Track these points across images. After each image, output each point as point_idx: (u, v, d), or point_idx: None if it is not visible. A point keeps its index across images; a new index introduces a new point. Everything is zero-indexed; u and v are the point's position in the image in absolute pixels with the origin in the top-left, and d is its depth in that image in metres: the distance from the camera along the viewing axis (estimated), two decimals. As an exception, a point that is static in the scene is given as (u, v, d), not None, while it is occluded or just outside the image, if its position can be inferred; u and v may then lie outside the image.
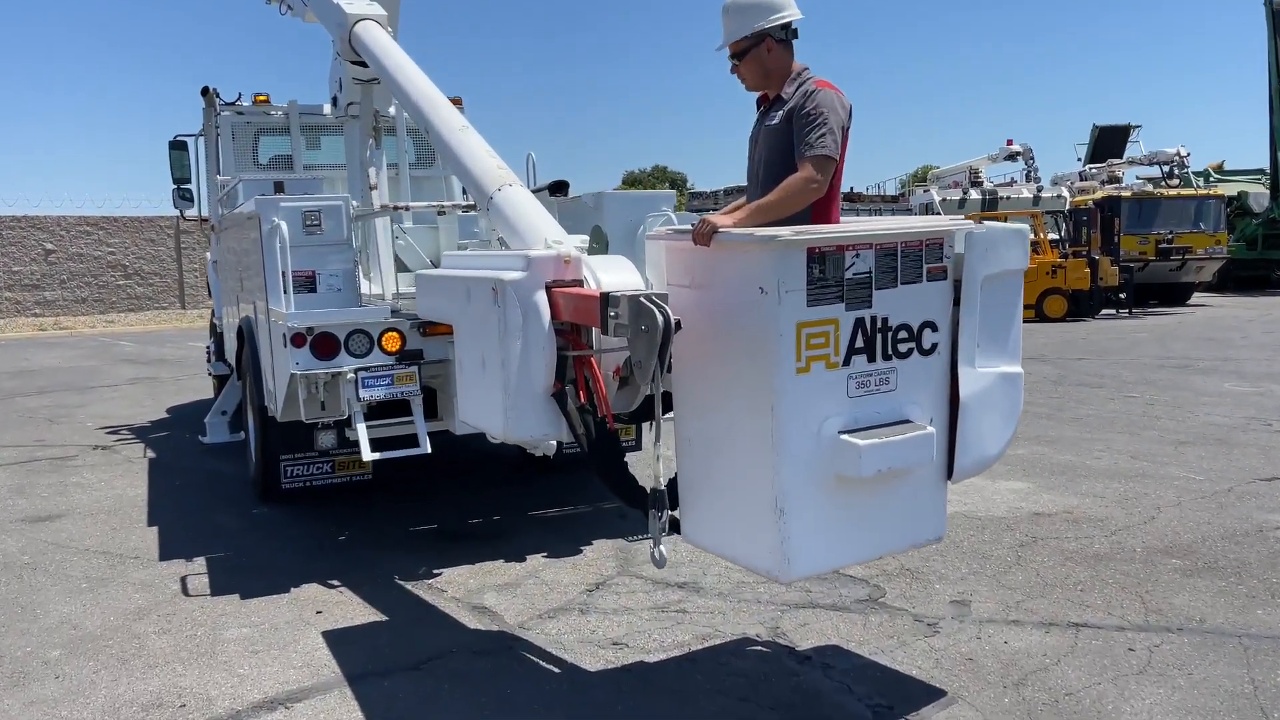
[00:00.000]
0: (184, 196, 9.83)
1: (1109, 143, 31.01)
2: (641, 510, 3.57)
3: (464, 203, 6.86)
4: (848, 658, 3.93)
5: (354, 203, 7.34)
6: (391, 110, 8.20)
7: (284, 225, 5.17)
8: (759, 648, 4.08)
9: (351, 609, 4.62)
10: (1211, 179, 29.13)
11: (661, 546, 3.28)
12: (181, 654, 4.15)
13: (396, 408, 5.29)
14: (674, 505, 3.60)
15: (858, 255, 3.13)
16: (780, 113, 3.54)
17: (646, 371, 2.98)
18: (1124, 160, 26.74)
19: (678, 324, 2.97)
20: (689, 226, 3.35)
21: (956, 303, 3.38)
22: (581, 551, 5.38)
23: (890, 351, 3.24)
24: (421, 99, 5.34)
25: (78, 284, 25.28)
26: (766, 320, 3.02)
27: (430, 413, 5.37)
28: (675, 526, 3.64)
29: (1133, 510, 5.88)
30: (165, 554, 5.55)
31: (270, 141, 9.33)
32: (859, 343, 3.17)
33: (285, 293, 5.12)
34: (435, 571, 5.12)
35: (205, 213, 9.62)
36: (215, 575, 5.16)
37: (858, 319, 3.15)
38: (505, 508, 6.29)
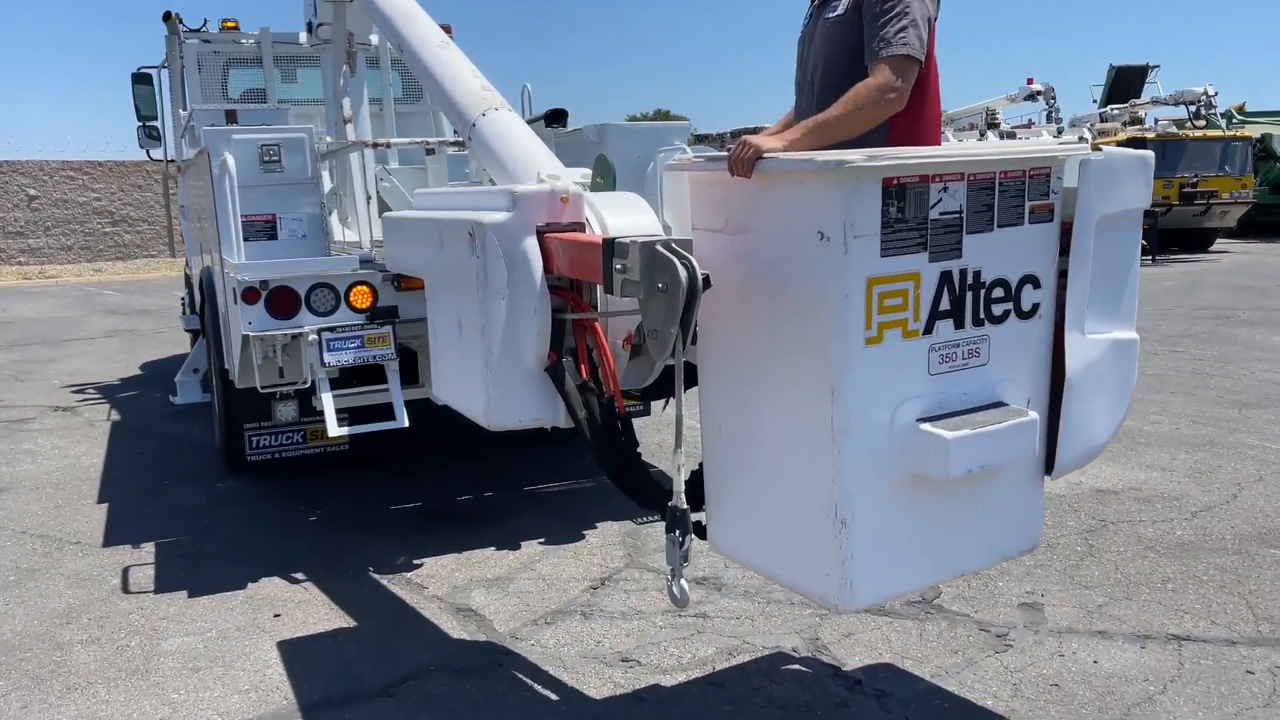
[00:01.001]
0: (150, 135, 9.02)
1: (1126, 83, 29.85)
2: (659, 516, 2.87)
3: (454, 138, 6.07)
4: (906, 681, 3.26)
5: (326, 138, 6.62)
6: (374, 39, 7.39)
7: (233, 161, 4.41)
8: (796, 666, 3.40)
9: (316, 612, 3.95)
10: (1235, 120, 28.09)
11: (683, 582, 2.54)
12: (108, 671, 3.48)
13: (369, 374, 4.57)
14: (698, 504, 2.90)
15: (945, 188, 2.38)
16: (845, 1, 2.75)
17: (665, 342, 2.26)
18: (1147, 100, 25.67)
19: (706, 280, 2.23)
20: (721, 153, 2.59)
21: (1063, 251, 2.64)
22: (584, 537, 4.69)
23: (983, 315, 2.51)
24: (394, 11, 4.54)
25: (62, 231, 24.45)
26: (828, 276, 2.29)
27: (410, 378, 4.66)
28: (698, 529, 2.93)
29: (1209, 486, 5.18)
30: (110, 538, 4.88)
31: (241, 74, 8.51)
32: (945, 304, 2.43)
33: (236, 240, 4.39)
34: (416, 562, 4.45)
35: (173, 153, 8.84)
36: (163, 566, 4.48)
37: (944, 273, 2.42)
38: (498, 482, 5.59)
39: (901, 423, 2.40)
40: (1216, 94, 23.44)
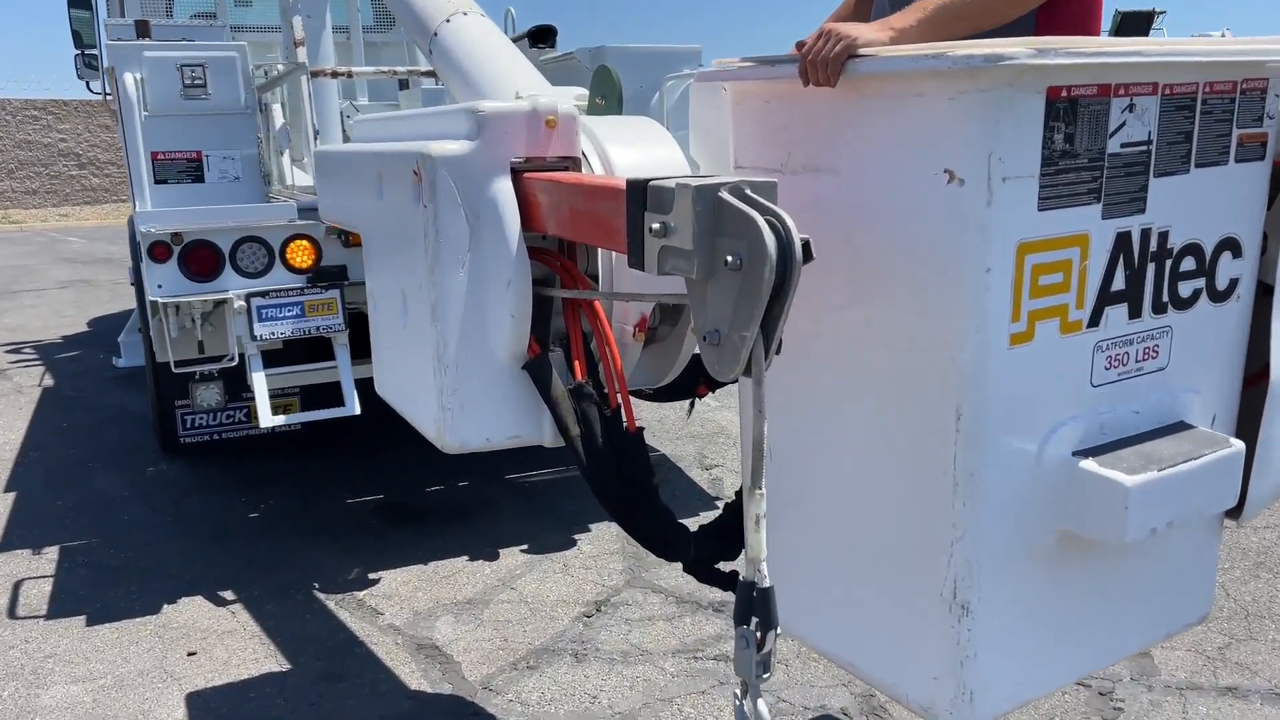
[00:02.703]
0: (90, 65, 8.06)
1: (1132, 28, 28.86)
2: (684, 567, 2.09)
3: (428, 69, 5.18)
4: (995, 764, 2.50)
5: (279, 66, 5.72)
6: (339, -44, 6.45)
7: (139, 83, 3.55)
8: (849, 735, 2.65)
9: (241, 648, 3.16)
10: (1250, 67, 27.12)
11: (760, 706, 1.55)
12: (-36, 739, 2.70)
13: (314, 348, 3.76)
14: (729, 550, 2.11)
15: (1131, 106, 1.56)
16: None
17: (735, 349, 1.39)
18: (1163, 45, 24.70)
19: (807, 248, 1.36)
20: (779, 56, 1.75)
21: (1270, 203, 1.83)
22: (575, 543, 3.91)
23: (1166, 297, 1.71)
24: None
25: (26, 174, 23.31)
26: (959, 239, 1.48)
27: (364, 351, 3.83)
28: (730, 582, 2.15)
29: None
30: (9, 540, 4.07)
31: (189, -5, 7.57)
32: (1118, 281, 1.64)
33: (146, 182, 3.54)
34: (372, 576, 3.66)
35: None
36: (63, 580, 3.69)
37: (1120, 235, 1.62)
38: (475, 469, 4.78)
39: (1053, 458, 1.62)
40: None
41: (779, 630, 1.48)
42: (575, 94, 2.50)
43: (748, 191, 1.37)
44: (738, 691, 1.55)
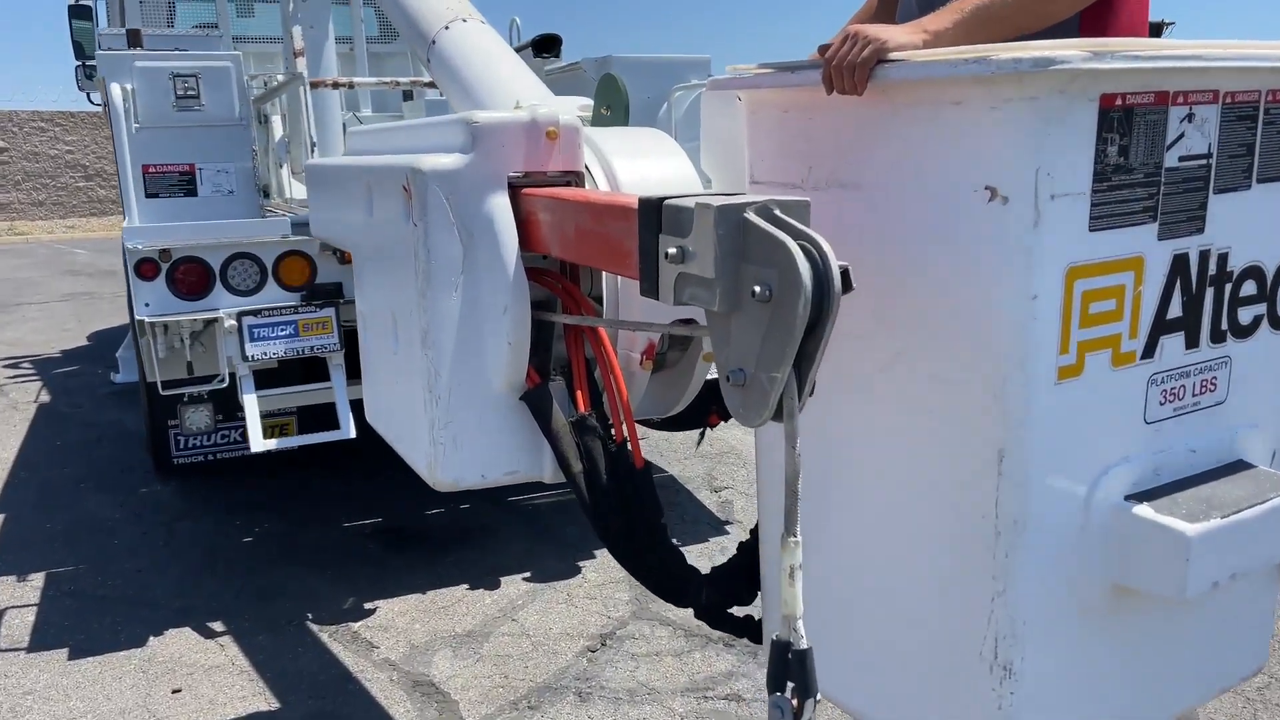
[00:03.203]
0: (90, 76, 7.97)
1: (1144, 40, 28.77)
2: (695, 613, 1.94)
3: (429, 79, 5.06)
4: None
5: (278, 76, 5.61)
6: (341, -35, 6.36)
7: (129, 93, 3.43)
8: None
9: (229, 685, 3.02)
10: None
11: None
12: (-67, 784, 2.56)
13: (309, 368, 3.62)
14: (745, 593, 1.96)
15: (1190, 115, 1.42)
16: None
17: (764, 390, 1.22)
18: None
19: (846, 277, 1.19)
20: (800, 61, 1.61)
21: (1333, 222, 1.68)
22: (580, 571, 3.76)
23: (1225, 324, 1.56)
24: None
25: (33, 186, 23.28)
26: (1003, 263, 1.34)
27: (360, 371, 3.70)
28: (752, 628, 2.00)
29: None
30: (-5, 566, 3.94)
31: (191, 6, 7.49)
32: (1175, 308, 1.48)
33: (134, 196, 3.42)
34: (368, 606, 3.51)
35: (113, 96, 7.80)
36: (47, 609, 3.55)
37: (1178, 258, 1.47)
38: (477, 491, 4.62)
39: (1104, 504, 1.46)
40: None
41: (819, 698, 1.30)
42: (579, 104, 2.36)
43: (777, 212, 1.20)
44: None
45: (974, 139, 1.34)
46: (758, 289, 1.19)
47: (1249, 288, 1.57)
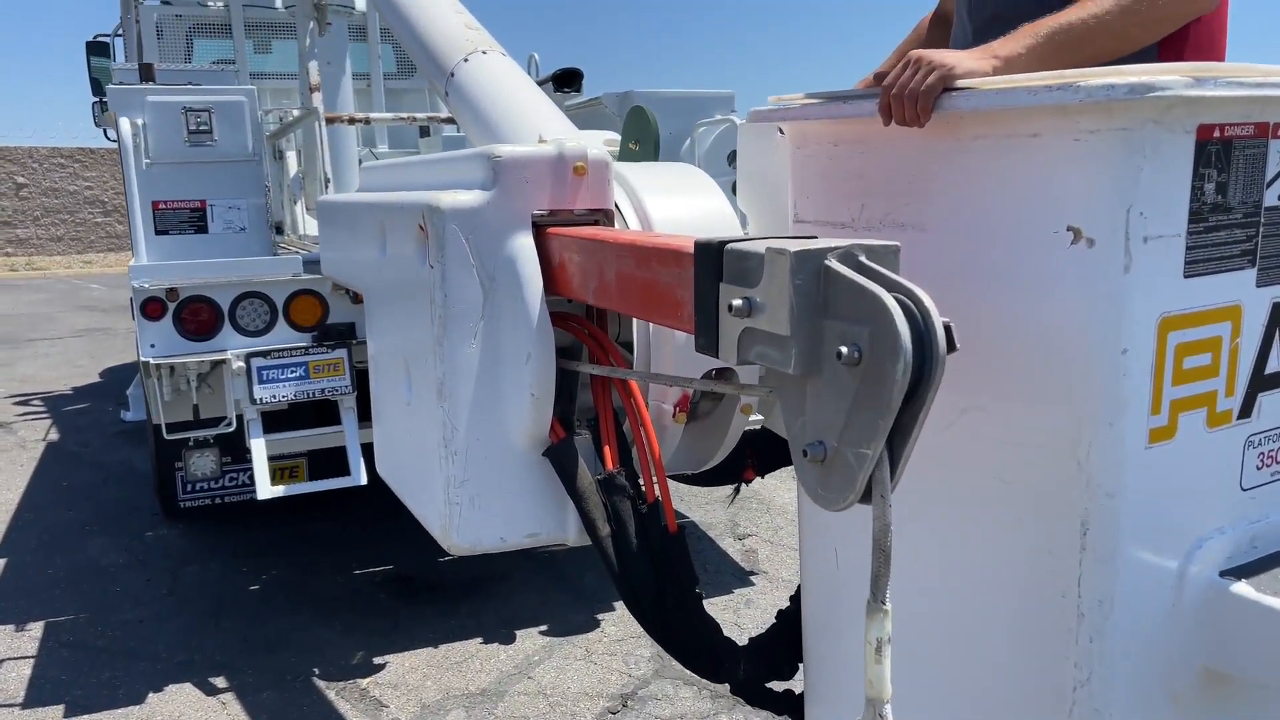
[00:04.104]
0: (106, 112, 7.96)
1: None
2: (731, 689, 1.78)
3: (448, 114, 4.98)
4: None
5: (294, 111, 5.55)
6: (360, 4, 6.33)
7: (139, 128, 3.34)
8: None
9: (229, 746, 2.86)
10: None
11: None
12: None
13: (322, 411, 3.50)
14: (783, 668, 1.81)
15: (1291, 150, 1.28)
16: None
17: (851, 467, 1.03)
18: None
19: (950, 336, 1.00)
20: (851, 91, 1.48)
21: None
22: (599, 625, 3.60)
23: (1326, 380, 1.41)
24: (356, -67, 3.44)
25: (52, 221, 23.44)
26: (1088, 314, 1.19)
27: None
28: (794, 706, 1.84)
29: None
30: (-7, 614, 3.80)
31: (209, 43, 7.46)
32: (1274, 362, 1.34)
33: (140, 233, 3.32)
34: (377, 660, 3.36)
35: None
36: (45, 660, 3.40)
37: (1278, 306, 1.32)
38: (492, 537, 4.48)
39: (1197, 580, 1.31)
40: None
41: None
42: (606, 138, 2.24)
43: (864, 259, 1.04)
44: None
45: (1055, 175, 1.20)
46: (844, 349, 1.01)
47: (1351, 339, 1.42)
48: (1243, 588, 1.30)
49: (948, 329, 1.00)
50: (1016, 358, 1.27)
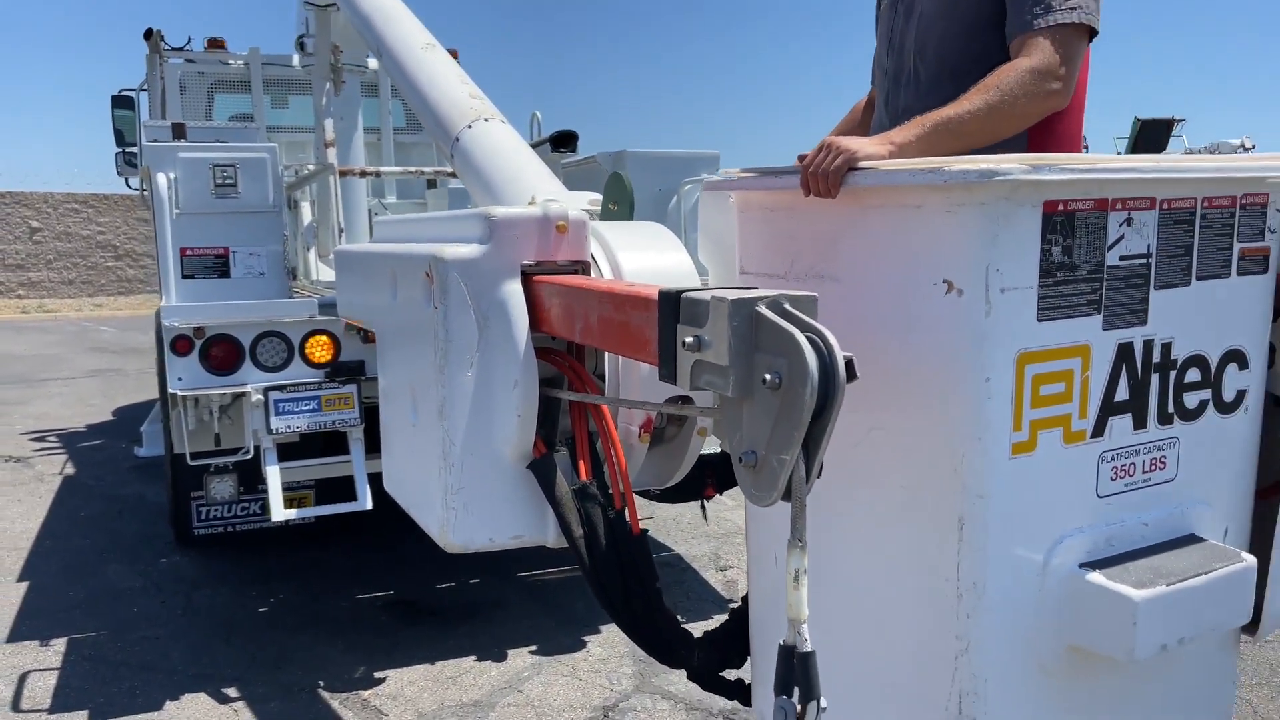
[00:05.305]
0: (129, 162, 8.35)
1: (1152, 136, 29.11)
2: (688, 674, 2.06)
3: (452, 169, 5.33)
4: None
5: (309, 165, 5.90)
6: (372, 64, 6.73)
7: (174, 182, 3.67)
8: None
9: (241, 747, 3.11)
10: (1270, 175, 27.22)
11: None
12: (-45, 837, 2.65)
13: (330, 441, 3.79)
14: (736, 656, 2.08)
15: (1129, 220, 1.59)
16: None
17: (774, 472, 1.32)
18: (1180, 153, 24.94)
19: (850, 367, 1.30)
20: (784, 166, 1.80)
21: (1275, 316, 1.84)
22: (585, 645, 3.85)
23: (1172, 408, 1.70)
24: (374, 9, 3.81)
25: (64, 264, 23.88)
26: (959, 350, 1.49)
27: (379, 446, 3.85)
28: (742, 691, 2.11)
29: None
30: (18, 630, 4.06)
31: (228, 98, 7.86)
32: (1122, 392, 1.63)
33: (173, 276, 3.63)
34: (377, 675, 3.61)
35: (151, 181, 8.15)
36: (69, 673, 3.66)
37: (1122, 346, 1.62)
38: (486, 565, 4.75)
39: (1059, 570, 1.59)
40: (1254, 146, 22.68)
41: (824, 703, 1.35)
42: (589, 199, 2.56)
43: (787, 306, 1.33)
44: None
45: (932, 238, 1.51)
46: (768, 376, 1.29)
47: (1193, 375, 1.72)
48: (1097, 577, 1.58)
49: (849, 362, 1.28)
50: (907, 384, 1.57)
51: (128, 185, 8.67)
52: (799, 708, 1.32)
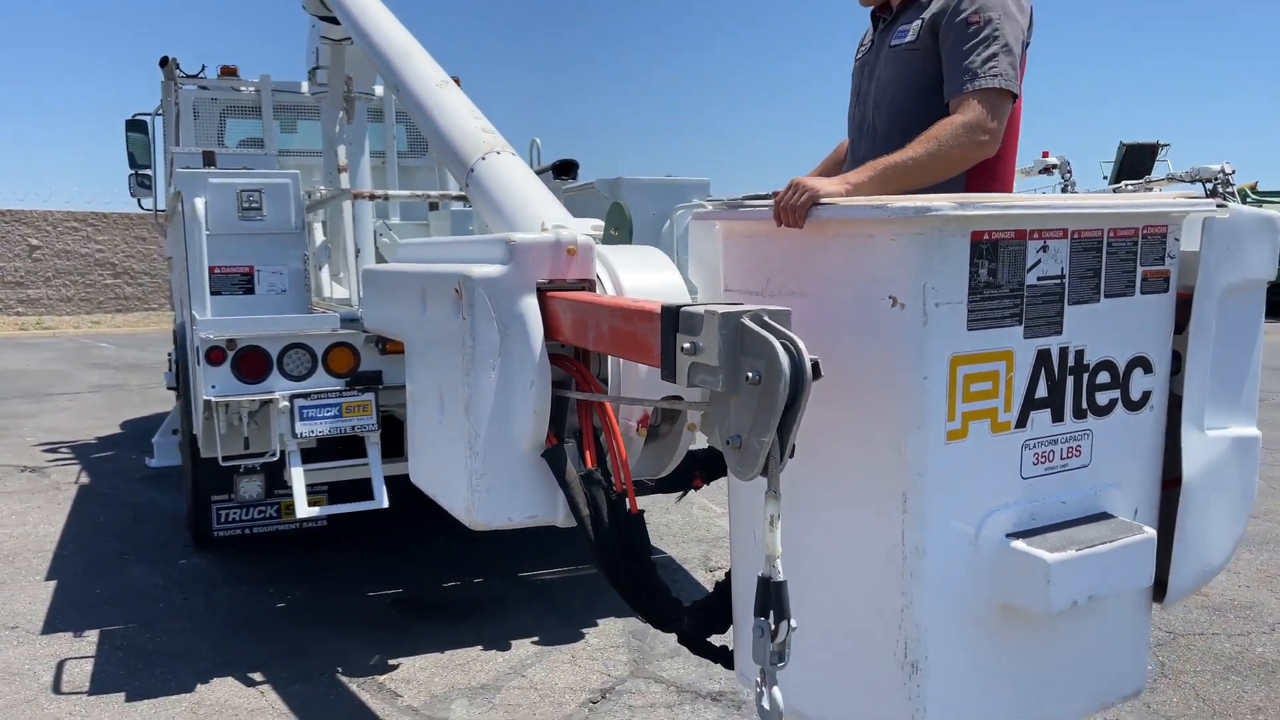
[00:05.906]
0: (142, 184, 8.66)
1: (1136, 160, 29.61)
2: (678, 639, 2.37)
3: (458, 192, 5.66)
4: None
5: (321, 188, 6.22)
6: (378, 90, 7.07)
7: (207, 206, 3.98)
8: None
9: (269, 724, 3.40)
10: (1250, 199, 27.79)
11: (775, 691, 1.72)
12: (15, 798, 2.93)
13: (348, 446, 4.09)
14: (721, 624, 2.39)
15: (1045, 247, 1.92)
16: (917, 22, 2.30)
17: (753, 454, 1.66)
18: (1164, 178, 25.39)
19: (816, 367, 1.62)
20: (761, 198, 2.13)
21: (1177, 329, 2.17)
22: (583, 636, 4.15)
23: (1085, 405, 2.03)
24: (390, 47, 4.14)
25: (63, 282, 24.13)
26: (901, 352, 1.82)
27: (394, 450, 4.16)
28: (724, 657, 2.42)
29: (1283, 593, 4.63)
30: (51, 623, 4.34)
31: (240, 123, 8.18)
32: (1041, 390, 1.96)
33: (205, 293, 3.94)
34: (391, 662, 3.90)
35: (163, 203, 8.47)
36: (103, 661, 3.94)
37: (1041, 352, 1.95)
38: (489, 566, 5.06)
39: (989, 539, 1.91)
40: (1234, 172, 23.15)
41: (793, 623, 1.68)
42: (592, 224, 2.87)
43: (765, 318, 1.66)
44: (758, 679, 1.75)
45: (881, 261, 1.83)
46: (750, 375, 1.61)
47: (1104, 377, 2.04)
48: (1020, 544, 1.90)
49: (815, 363, 1.61)
50: (861, 382, 1.89)
51: (140, 206, 8.97)
52: (773, 626, 1.67)
